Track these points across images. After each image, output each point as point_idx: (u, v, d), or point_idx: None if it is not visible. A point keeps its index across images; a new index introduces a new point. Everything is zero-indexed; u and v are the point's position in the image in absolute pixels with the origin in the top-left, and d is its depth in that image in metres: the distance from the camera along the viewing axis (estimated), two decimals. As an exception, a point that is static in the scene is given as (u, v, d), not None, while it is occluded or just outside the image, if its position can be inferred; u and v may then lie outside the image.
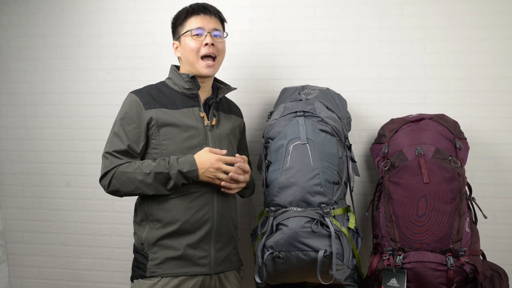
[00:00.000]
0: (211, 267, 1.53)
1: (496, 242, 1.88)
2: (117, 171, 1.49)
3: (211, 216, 1.54)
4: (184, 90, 1.60)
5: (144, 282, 1.49)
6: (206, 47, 1.55)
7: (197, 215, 1.52)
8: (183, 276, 1.50)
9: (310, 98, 1.73)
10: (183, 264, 1.50)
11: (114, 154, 1.51)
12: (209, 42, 1.55)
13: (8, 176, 2.22)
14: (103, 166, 1.52)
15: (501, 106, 1.89)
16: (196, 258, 1.51)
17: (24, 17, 2.21)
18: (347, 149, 1.70)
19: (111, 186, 1.50)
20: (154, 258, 1.50)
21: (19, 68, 2.21)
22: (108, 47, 2.14)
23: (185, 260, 1.50)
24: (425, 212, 1.53)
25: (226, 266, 1.59)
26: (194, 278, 1.51)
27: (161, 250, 1.50)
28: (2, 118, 2.23)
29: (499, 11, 1.89)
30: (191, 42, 1.56)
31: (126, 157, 1.51)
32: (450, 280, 1.47)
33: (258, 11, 2.05)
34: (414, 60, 1.94)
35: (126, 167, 1.49)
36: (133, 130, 1.52)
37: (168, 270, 1.49)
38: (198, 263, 1.51)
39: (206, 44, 1.55)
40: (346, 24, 1.99)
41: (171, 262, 1.49)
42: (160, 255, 1.50)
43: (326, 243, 1.50)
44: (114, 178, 1.49)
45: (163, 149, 1.53)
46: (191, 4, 1.62)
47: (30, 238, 2.20)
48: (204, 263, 1.52)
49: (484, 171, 1.89)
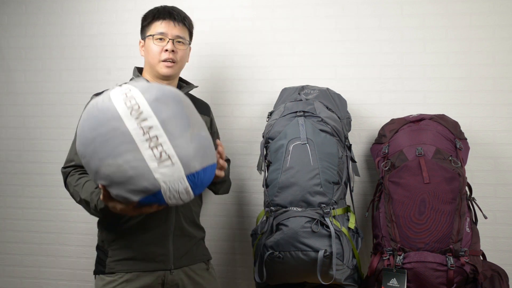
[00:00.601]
0: (170, 262, 1.53)
1: (496, 242, 1.88)
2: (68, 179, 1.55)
3: (169, 214, 1.53)
4: None
5: (104, 278, 1.52)
6: (166, 53, 1.56)
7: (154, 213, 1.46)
8: (141, 272, 1.51)
9: (310, 98, 1.73)
10: (141, 261, 1.51)
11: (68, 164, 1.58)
12: (169, 49, 1.56)
13: (8, 176, 2.22)
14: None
15: (501, 106, 1.89)
16: (154, 255, 1.52)
17: (24, 17, 2.21)
18: (347, 149, 1.70)
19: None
20: (113, 255, 1.52)
21: (19, 68, 2.21)
22: (108, 47, 2.14)
23: (143, 258, 1.51)
24: (425, 212, 1.53)
25: (189, 260, 1.58)
26: (153, 273, 1.51)
27: (119, 248, 1.52)
28: (2, 118, 2.23)
29: (499, 11, 1.90)
30: (153, 46, 1.57)
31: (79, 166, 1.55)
32: (450, 280, 1.47)
33: (258, 11, 2.05)
34: (414, 60, 1.94)
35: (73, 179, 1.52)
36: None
37: (126, 267, 1.50)
38: (155, 260, 1.52)
39: (167, 49, 1.56)
40: (346, 24, 1.99)
41: (129, 260, 1.51)
42: (118, 252, 1.52)
43: (326, 243, 1.50)
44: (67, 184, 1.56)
45: None
46: (159, 7, 1.62)
47: (30, 238, 2.20)
48: (162, 259, 1.52)
49: (484, 171, 1.89)
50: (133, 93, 1.23)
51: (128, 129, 1.20)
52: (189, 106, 1.30)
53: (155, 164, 1.19)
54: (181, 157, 1.21)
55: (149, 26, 1.60)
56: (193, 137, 1.25)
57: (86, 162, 1.25)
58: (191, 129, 1.26)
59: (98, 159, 1.21)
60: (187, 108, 1.28)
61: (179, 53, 1.59)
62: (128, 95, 1.23)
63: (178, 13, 1.61)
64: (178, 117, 1.24)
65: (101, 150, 1.21)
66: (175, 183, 1.21)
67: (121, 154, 1.20)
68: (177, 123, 1.23)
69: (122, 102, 1.22)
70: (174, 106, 1.25)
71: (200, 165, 1.25)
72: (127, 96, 1.23)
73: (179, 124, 1.23)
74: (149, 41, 1.58)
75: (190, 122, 1.26)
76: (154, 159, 1.19)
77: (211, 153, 1.29)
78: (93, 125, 1.22)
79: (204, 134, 1.29)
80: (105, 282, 1.51)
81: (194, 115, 1.30)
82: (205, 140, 1.28)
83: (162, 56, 1.56)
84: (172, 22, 1.58)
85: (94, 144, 1.22)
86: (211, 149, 1.30)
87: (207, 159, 1.27)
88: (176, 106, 1.26)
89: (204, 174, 1.26)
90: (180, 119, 1.25)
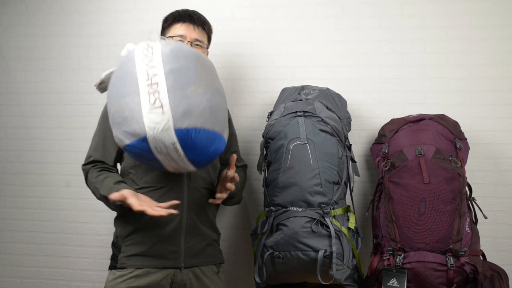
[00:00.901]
0: (180, 261, 1.54)
1: (496, 242, 1.88)
2: (88, 176, 1.59)
3: (180, 211, 1.52)
4: None
5: (115, 273, 1.54)
6: None
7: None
8: (152, 268, 1.52)
9: (310, 98, 1.73)
10: (152, 257, 1.52)
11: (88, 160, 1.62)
12: None
13: (8, 176, 2.22)
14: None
15: (501, 106, 1.89)
16: (165, 252, 1.53)
17: (24, 17, 2.21)
18: (347, 149, 1.70)
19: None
20: (126, 251, 1.54)
21: (19, 68, 2.21)
22: (108, 47, 2.14)
23: (154, 254, 1.52)
24: (425, 212, 1.53)
25: (200, 260, 1.58)
26: (163, 270, 1.52)
27: (131, 244, 1.54)
28: (2, 118, 2.23)
29: (499, 11, 1.89)
30: None
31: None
32: (450, 280, 1.47)
33: (258, 11, 2.05)
34: (414, 60, 1.94)
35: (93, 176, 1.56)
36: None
37: (137, 262, 1.52)
38: (166, 257, 1.53)
39: None
40: (346, 24, 1.99)
41: (140, 255, 1.52)
42: (131, 248, 1.53)
43: (326, 243, 1.50)
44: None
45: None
46: (180, 10, 1.65)
47: (30, 238, 2.20)
48: (173, 257, 1.53)
49: (484, 171, 1.89)
50: (155, 44, 1.31)
51: (136, 71, 1.27)
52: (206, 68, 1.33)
53: (147, 108, 1.24)
54: (173, 108, 1.24)
55: (169, 28, 1.63)
56: (195, 95, 1.27)
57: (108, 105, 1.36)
58: (195, 86, 1.28)
59: (111, 99, 1.32)
60: (201, 68, 1.31)
61: None
62: (149, 45, 1.31)
63: (198, 17, 1.65)
64: (184, 72, 1.28)
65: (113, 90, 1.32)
66: (162, 134, 1.24)
67: (125, 95, 1.27)
68: (181, 77, 1.27)
69: (142, 49, 1.30)
70: (185, 61, 1.29)
71: (193, 124, 1.26)
72: (149, 45, 1.31)
73: (182, 79, 1.27)
74: None
75: (196, 81, 1.28)
76: (148, 103, 1.24)
77: (214, 118, 1.30)
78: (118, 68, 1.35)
79: (211, 97, 1.30)
80: (115, 277, 1.53)
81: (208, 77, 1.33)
82: (208, 102, 1.29)
83: None
84: (191, 26, 1.62)
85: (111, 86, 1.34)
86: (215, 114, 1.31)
87: (206, 121, 1.28)
88: (188, 62, 1.30)
89: (196, 135, 1.26)
90: (186, 74, 1.28)
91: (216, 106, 1.32)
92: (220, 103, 1.34)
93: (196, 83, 1.27)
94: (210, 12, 2.07)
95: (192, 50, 1.34)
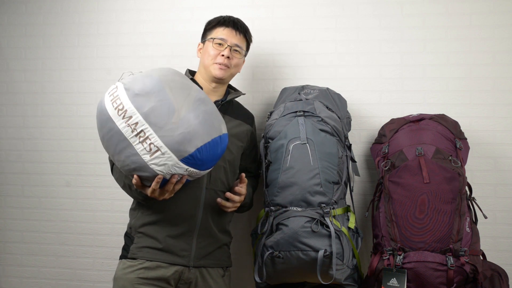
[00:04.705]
0: (190, 259, 1.56)
1: (496, 242, 1.88)
2: (114, 166, 1.61)
3: (196, 211, 1.56)
4: None
5: (125, 263, 1.56)
6: (221, 57, 1.64)
7: (182, 207, 1.55)
8: (162, 262, 1.54)
9: (310, 98, 1.73)
10: (163, 252, 1.54)
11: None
12: (226, 54, 1.64)
13: (8, 175, 2.22)
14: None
15: (501, 106, 1.89)
16: (176, 249, 1.55)
17: (24, 17, 2.21)
18: (347, 149, 1.70)
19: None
20: (138, 242, 1.56)
21: (19, 68, 2.21)
22: (108, 47, 2.14)
23: (165, 249, 1.54)
24: (425, 212, 1.53)
25: (208, 262, 1.61)
26: (172, 266, 1.54)
27: (144, 236, 1.56)
28: (2, 117, 2.22)
29: (499, 11, 1.89)
30: (211, 49, 1.65)
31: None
32: (450, 280, 1.47)
33: (258, 11, 2.05)
34: (414, 60, 1.94)
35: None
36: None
37: (148, 254, 1.54)
38: (178, 254, 1.55)
39: (223, 55, 1.63)
40: (346, 24, 1.99)
41: (151, 248, 1.54)
42: (143, 240, 1.56)
43: (326, 243, 1.50)
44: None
45: None
46: (225, 16, 1.72)
47: (30, 238, 2.20)
48: (184, 254, 1.55)
49: (484, 171, 1.89)
50: (118, 92, 1.33)
51: (119, 128, 1.31)
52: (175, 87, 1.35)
53: (147, 156, 1.30)
54: (169, 145, 1.29)
55: (211, 31, 1.69)
56: (181, 121, 1.30)
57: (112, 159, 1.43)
58: (177, 113, 1.31)
59: (111, 155, 1.39)
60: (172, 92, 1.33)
61: (234, 60, 1.67)
62: (114, 95, 1.34)
63: (242, 25, 1.71)
64: (160, 106, 1.30)
65: (109, 148, 1.38)
66: (172, 169, 1.32)
67: (121, 151, 1.33)
68: (160, 113, 1.30)
69: (110, 103, 1.33)
70: (155, 96, 1.32)
71: (194, 146, 1.31)
72: (114, 96, 1.34)
73: (162, 113, 1.30)
74: (209, 43, 1.66)
75: (175, 107, 1.31)
76: (145, 152, 1.30)
77: (208, 128, 1.34)
78: (98, 126, 1.39)
79: (196, 112, 1.33)
80: (125, 266, 1.55)
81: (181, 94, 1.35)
82: (195, 119, 1.32)
83: (217, 59, 1.64)
84: (234, 31, 1.67)
85: (104, 143, 1.39)
86: (207, 123, 1.34)
87: (203, 136, 1.32)
88: (158, 95, 1.32)
89: (201, 153, 1.32)
90: (163, 107, 1.31)
91: (204, 115, 1.35)
92: (205, 110, 1.36)
93: (176, 110, 1.31)
94: (210, 12, 2.07)
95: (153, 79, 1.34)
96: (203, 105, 1.36)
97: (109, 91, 1.36)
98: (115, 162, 1.40)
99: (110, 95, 1.34)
